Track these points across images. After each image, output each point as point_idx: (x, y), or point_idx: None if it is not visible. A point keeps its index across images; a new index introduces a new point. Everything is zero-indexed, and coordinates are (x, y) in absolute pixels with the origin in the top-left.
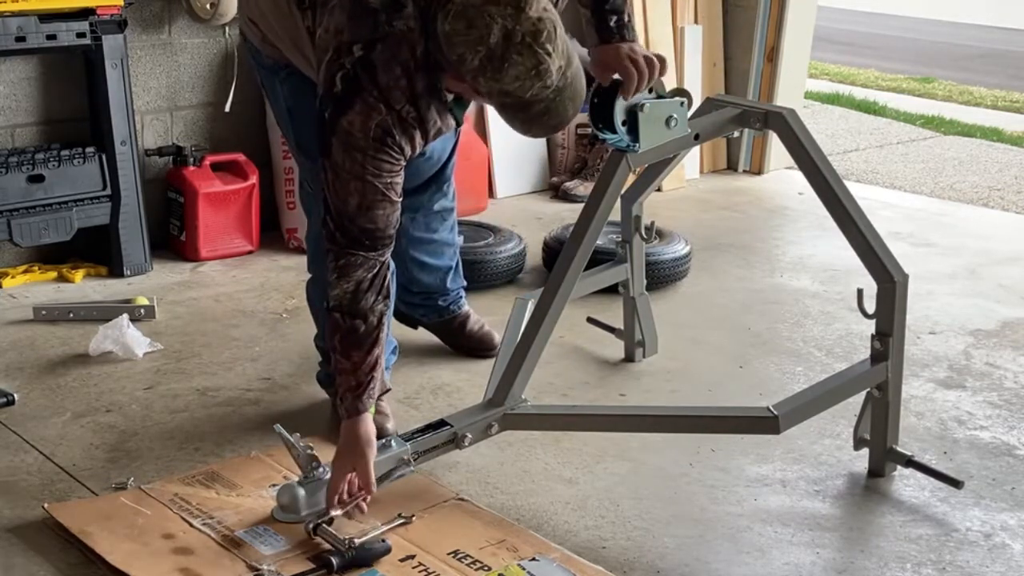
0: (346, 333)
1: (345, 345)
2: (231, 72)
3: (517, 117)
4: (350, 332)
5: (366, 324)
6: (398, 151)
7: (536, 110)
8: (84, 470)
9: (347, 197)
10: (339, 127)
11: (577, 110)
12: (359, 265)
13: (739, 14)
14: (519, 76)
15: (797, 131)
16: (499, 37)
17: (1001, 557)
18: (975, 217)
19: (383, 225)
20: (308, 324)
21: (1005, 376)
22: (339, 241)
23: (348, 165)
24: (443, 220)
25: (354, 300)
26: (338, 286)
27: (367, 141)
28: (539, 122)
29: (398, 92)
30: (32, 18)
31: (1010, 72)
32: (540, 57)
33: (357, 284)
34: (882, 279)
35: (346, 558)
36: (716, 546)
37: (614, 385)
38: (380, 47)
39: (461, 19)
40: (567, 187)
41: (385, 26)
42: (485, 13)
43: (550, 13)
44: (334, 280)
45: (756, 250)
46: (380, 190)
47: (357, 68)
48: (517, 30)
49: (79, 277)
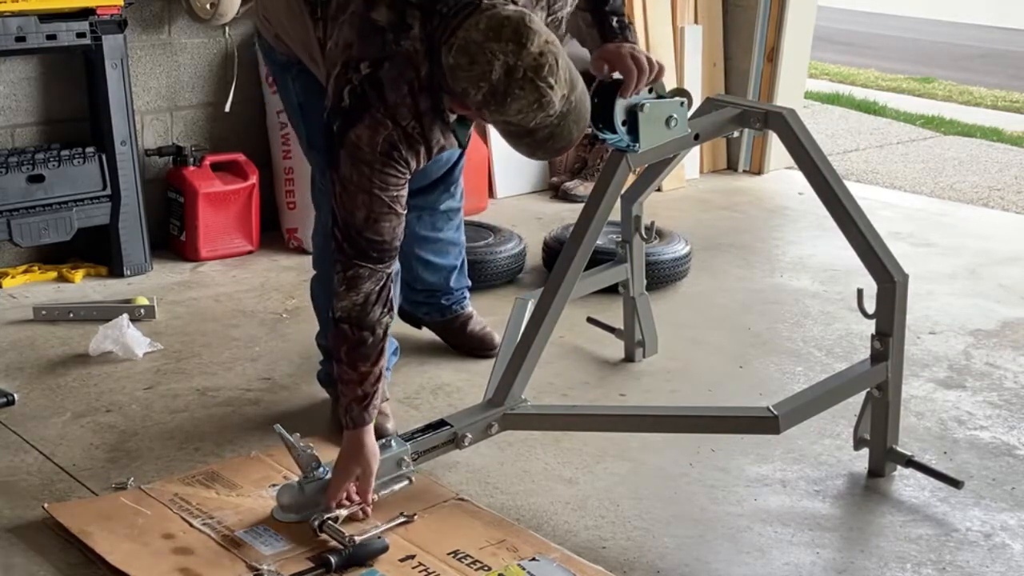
0: (354, 345)
1: (352, 357)
2: (231, 72)
3: (522, 142)
4: (358, 344)
5: (373, 336)
6: (404, 165)
7: (541, 135)
8: (84, 470)
9: (354, 210)
10: (347, 140)
11: (582, 132)
12: (367, 277)
13: (739, 14)
14: (521, 109)
15: (797, 131)
16: (501, 73)
17: (1001, 557)
18: (975, 217)
19: (389, 237)
20: (308, 324)
21: (1005, 376)
22: (347, 252)
23: (356, 178)
24: (449, 220)
25: (362, 312)
26: (347, 298)
27: (374, 155)
28: (544, 147)
29: (404, 109)
30: (32, 18)
31: (1010, 72)
32: (542, 91)
33: (366, 297)
34: (882, 279)
35: (343, 556)
36: (716, 546)
37: (614, 385)
38: (387, 65)
39: (464, 54)
40: (567, 187)
41: (392, 45)
42: (487, 49)
43: (552, 45)
44: (342, 291)
45: (756, 250)
46: (386, 203)
47: (365, 85)
48: (519, 65)
49: (79, 277)
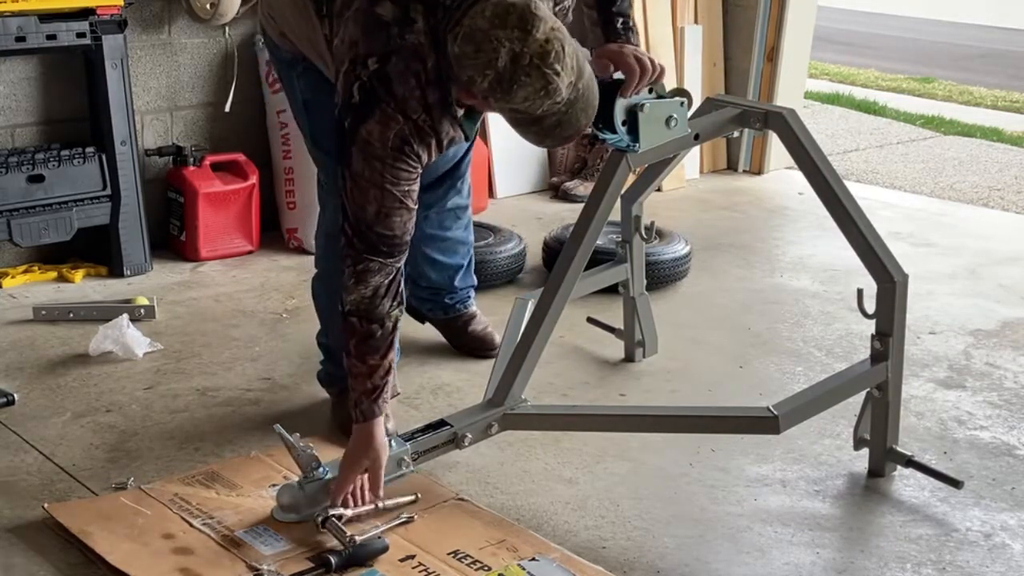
0: (363, 338)
1: (361, 350)
2: (231, 72)
3: (530, 130)
4: (367, 337)
5: (382, 329)
6: (415, 159)
7: (548, 123)
8: (84, 470)
9: (365, 204)
10: (358, 137)
11: (590, 119)
12: (376, 271)
13: (739, 14)
14: (528, 96)
15: (797, 131)
16: (507, 60)
17: (1001, 557)
18: (975, 217)
19: (400, 232)
20: (308, 324)
21: (1005, 376)
22: (357, 247)
23: (367, 174)
24: (457, 218)
25: (371, 305)
26: (355, 291)
27: (386, 150)
28: (552, 134)
29: (414, 102)
30: (32, 18)
31: (1010, 72)
32: (549, 78)
33: (375, 290)
34: (882, 279)
35: (344, 556)
36: (716, 546)
37: (614, 385)
38: (394, 59)
39: (469, 43)
40: (567, 187)
41: (397, 39)
42: (492, 37)
43: (558, 32)
44: (351, 285)
45: (756, 250)
46: (398, 198)
47: (373, 80)
48: (525, 52)
49: (79, 277)
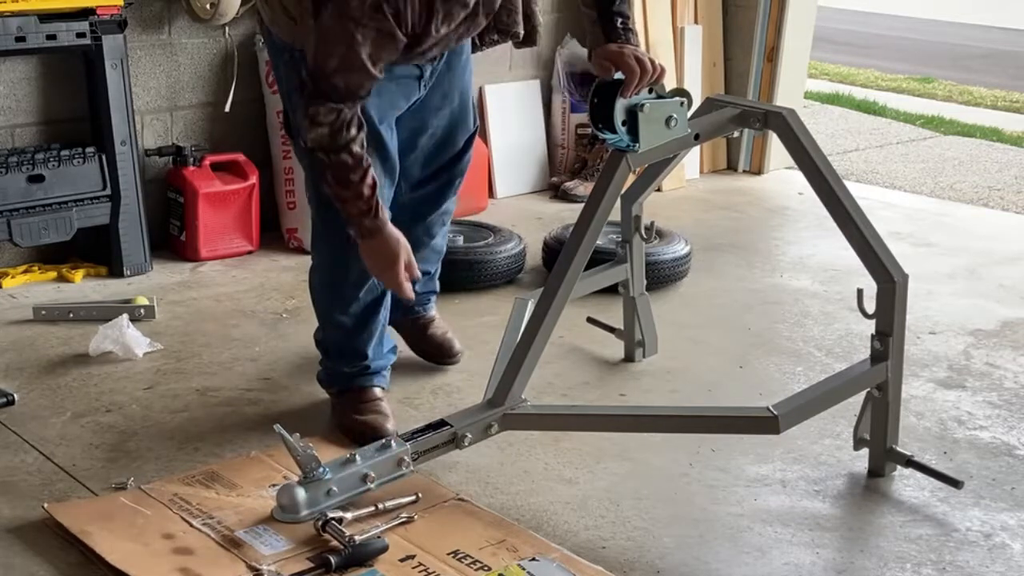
0: (336, 168)
1: (339, 179)
2: (231, 72)
3: None
4: (339, 167)
5: (352, 156)
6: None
7: None
8: (84, 470)
9: (328, 59)
10: None
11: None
12: (330, 111)
13: (739, 14)
14: None
15: (797, 131)
16: None
17: (1001, 557)
18: (975, 217)
19: (355, 87)
20: (308, 324)
21: (1005, 376)
22: (312, 94)
23: (338, 31)
24: (443, 224)
25: (332, 140)
26: (313, 130)
27: (362, 10)
28: None
29: None
30: (32, 18)
31: (1010, 72)
32: None
33: (330, 126)
34: (882, 279)
35: (344, 556)
36: (716, 546)
37: (614, 385)
38: None
39: None
40: (567, 187)
41: None
42: None
43: None
44: (307, 125)
45: (756, 250)
46: (361, 58)
47: None
48: None
49: (79, 277)
